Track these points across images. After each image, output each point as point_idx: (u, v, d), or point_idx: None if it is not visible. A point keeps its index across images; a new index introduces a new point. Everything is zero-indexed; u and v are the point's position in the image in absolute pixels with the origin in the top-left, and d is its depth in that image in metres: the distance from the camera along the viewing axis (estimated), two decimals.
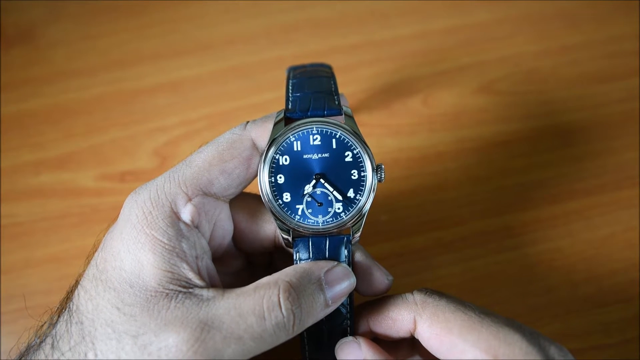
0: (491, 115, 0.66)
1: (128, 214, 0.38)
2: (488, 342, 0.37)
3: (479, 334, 0.38)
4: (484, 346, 0.37)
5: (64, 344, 0.36)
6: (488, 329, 0.38)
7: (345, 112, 0.42)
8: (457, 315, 0.39)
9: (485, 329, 0.38)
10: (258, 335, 0.35)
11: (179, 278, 0.37)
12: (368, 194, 0.42)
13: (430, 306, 0.40)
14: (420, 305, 0.40)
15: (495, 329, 0.38)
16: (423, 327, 0.40)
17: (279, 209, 0.41)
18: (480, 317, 0.39)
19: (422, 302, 0.40)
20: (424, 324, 0.40)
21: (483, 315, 0.39)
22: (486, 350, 0.37)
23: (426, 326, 0.39)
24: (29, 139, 0.66)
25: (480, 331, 0.38)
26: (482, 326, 0.38)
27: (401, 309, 0.41)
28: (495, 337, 0.37)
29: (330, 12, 0.74)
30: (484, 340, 0.37)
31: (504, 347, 0.37)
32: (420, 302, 0.40)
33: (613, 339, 0.54)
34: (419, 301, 0.40)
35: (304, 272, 0.38)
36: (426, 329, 0.39)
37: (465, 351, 0.38)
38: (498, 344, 0.37)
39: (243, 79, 0.69)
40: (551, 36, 0.72)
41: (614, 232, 0.59)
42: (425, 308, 0.40)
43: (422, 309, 0.40)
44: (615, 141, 0.64)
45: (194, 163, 0.40)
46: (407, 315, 0.40)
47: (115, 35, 0.72)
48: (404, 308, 0.41)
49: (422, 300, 0.40)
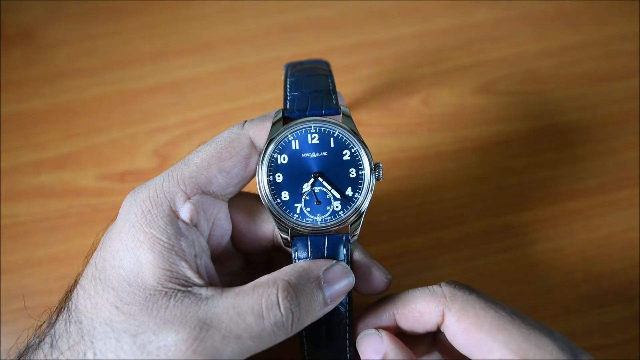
0: (491, 115, 0.66)
1: (127, 213, 0.38)
2: (518, 343, 0.37)
3: (509, 334, 0.37)
4: (514, 347, 0.37)
5: (62, 343, 0.36)
6: (519, 330, 0.37)
7: (343, 112, 0.42)
8: (488, 313, 0.38)
9: (517, 330, 0.37)
10: (257, 334, 0.35)
11: (178, 277, 0.37)
12: (366, 192, 0.42)
13: (460, 300, 0.39)
14: (450, 299, 0.39)
15: (526, 330, 0.37)
16: (451, 321, 0.39)
17: (278, 208, 0.41)
18: (511, 317, 0.38)
19: (452, 295, 0.40)
20: (452, 317, 0.39)
21: (514, 316, 0.38)
22: (516, 352, 0.36)
23: (454, 320, 0.39)
24: (29, 139, 0.66)
25: (511, 331, 0.37)
26: (513, 326, 0.37)
27: (429, 301, 0.40)
28: (526, 339, 0.37)
29: (330, 12, 0.74)
30: (514, 341, 0.37)
31: (534, 350, 0.36)
32: (449, 295, 0.40)
33: (613, 339, 0.54)
34: (447, 294, 0.40)
35: (303, 270, 0.38)
36: (454, 323, 0.39)
37: (494, 350, 0.37)
38: (528, 346, 0.37)
39: (243, 79, 0.69)
40: (551, 36, 0.71)
41: (614, 232, 0.59)
42: (454, 302, 0.39)
43: (452, 302, 0.39)
44: (615, 141, 0.64)
45: (193, 162, 0.40)
46: (435, 308, 0.40)
47: (116, 35, 0.72)
48: (432, 301, 0.40)
49: (451, 294, 0.40)
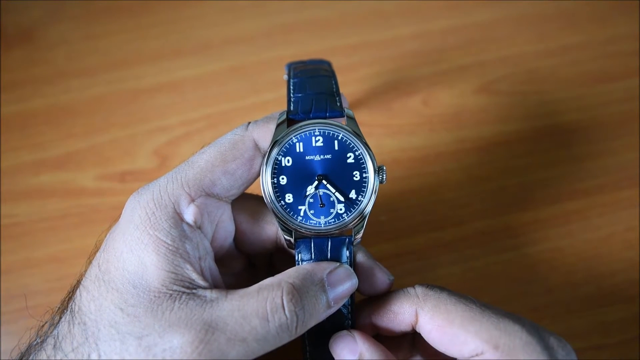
0: (491, 115, 0.66)
1: (131, 215, 0.38)
2: (489, 332, 0.38)
3: (480, 324, 0.38)
4: (485, 336, 0.38)
5: (66, 345, 0.36)
6: (489, 319, 0.38)
7: (347, 114, 0.42)
8: (459, 307, 0.39)
9: (487, 320, 0.38)
10: (262, 336, 0.35)
11: (183, 279, 0.37)
12: (370, 195, 0.42)
13: (432, 299, 0.40)
14: (422, 298, 0.40)
15: (496, 319, 0.38)
16: (425, 320, 0.40)
17: (282, 210, 0.41)
18: (481, 309, 0.39)
19: (424, 295, 0.41)
20: (426, 316, 0.40)
21: (484, 307, 0.39)
22: (487, 340, 0.38)
23: (428, 318, 0.40)
24: (29, 139, 0.66)
25: (482, 322, 0.38)
26: (484, 317, 0.39)
27: (403, 302, 0.41)
28: (497, 328, 0.38)
29: (330, 12, 0.74)
30: (485, 330, 0.38)
31: (504, 337, 0.38)
32: (421, 295, 0.41)
33: (613, 339, 0.54)
34: (420, 294, 0.41)
35: (307, 273, 0.38)
36: (428, 321, 0.40)
37: (467, 342, 0.38)
38: (499, 334, 0.38)
39: (243, 79, 0.69)
40: (551, 36, 0.72)
41: (614, 232, 0.59)
42: (426, 301, 0.40)
43: (424, 301, 0.40)
44: (615, 141, 0.64)
45: (197, 164, 0.40)
46: (408, 309, 0.41)
47: (116, 35, 0.72)
48: (406, 301, 0.41)
49: (423, 293, 0.41)
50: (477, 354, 0.38)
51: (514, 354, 0.37)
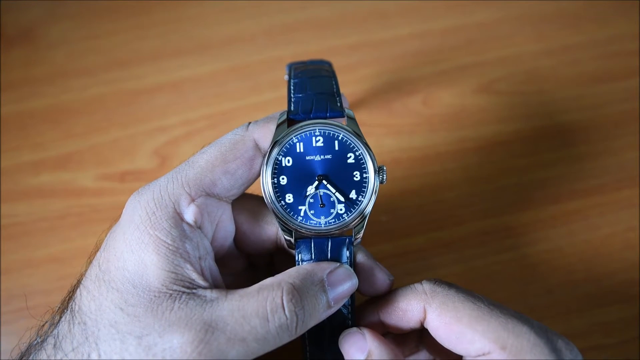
0: (491, 115, 0.66)
1: (131, 215, 0.38)
2: (497, 332, 0.38)
3: (488, 324, 0.38)
4: (492, 336, 0.38)
5: (66, 345, 0.36)
6: (497, 319, 0.38)
7: (347, 114, 0.42)
8: (467, 305, 0.39)
9: (495, 320, 0.38)
10: (262, 336, 0.35)
11: (183, 279, 0.37)
12: (370, 195, 0.42)
13: (440, 295, 0.40)
14: (430, 295, 0.40)
15: (504, 319, 0.38)
16: (432, 316, 0.40)
17: (282, 210, 0.41)
18: (489, 308, 0.39)
19: (432, 292, 0.40)
20: (433, 312, 0.40)
21: (492, 307, 0.39)
22: (495, 341, 0.37)
23: (435, 315, 0.40)
24: (29, 139, 0.66)
25: (490, 321, 0.38)
26: (492, 317, 0.38)
27: (411, 299, 0.41)
28: (504, 328, 0.38)
29: (330, 12, 0.74)
30: (493, 330, 0.38)
31: (512, 338, 0.37)
32: (429, 292, 0.41)
33: (613, 339, 0.54)
34: (428, 290, 0.41)
35: (307, 273, 0.38)
36: (435, 317, 0.40)
37: (474, 341, 0.38)
38: (507, 335, 0.37)
39: (243, 79, 0.69)
40: (551, 36, 0.72)
41: (614, 232, 0.59)
42: (434, 297, 0.40)
43: (432, 298, 0.40)
44: (615, 141, 0.64)
45: (197, 164, 0.40)
46: (416, 305, 0.41)
47: (115, 35, 0.72)
48: (414, 298, 0.41)
49: (431, 290, 0.41)
50: (483, 353, 0.38)
51: (522, 356, 0.37)
